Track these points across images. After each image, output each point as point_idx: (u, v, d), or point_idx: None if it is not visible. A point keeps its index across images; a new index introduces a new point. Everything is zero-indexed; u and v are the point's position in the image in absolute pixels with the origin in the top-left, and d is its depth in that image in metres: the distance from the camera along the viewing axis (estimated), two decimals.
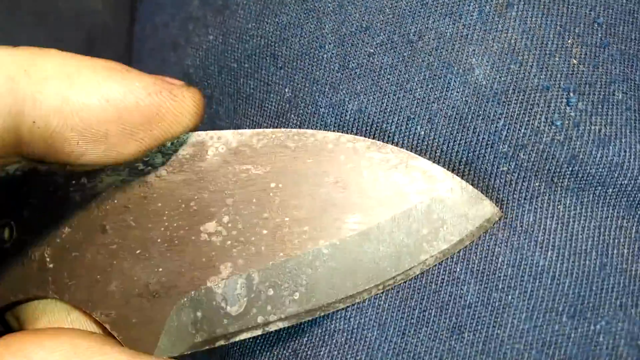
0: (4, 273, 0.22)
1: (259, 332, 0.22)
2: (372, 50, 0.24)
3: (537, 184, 0.22)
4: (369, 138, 0.23)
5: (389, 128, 0.24)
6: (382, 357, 0.23)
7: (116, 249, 0.22)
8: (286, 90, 0.25)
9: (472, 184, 0.22)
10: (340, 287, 0.22)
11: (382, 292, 0.23)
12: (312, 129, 0.25)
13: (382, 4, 0.24)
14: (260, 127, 0.27)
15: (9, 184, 0.22)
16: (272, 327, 0.22)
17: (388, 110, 0.24)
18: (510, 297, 0.22)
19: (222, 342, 0.22)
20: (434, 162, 0.22)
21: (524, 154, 0.22)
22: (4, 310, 0.23)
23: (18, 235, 0.22)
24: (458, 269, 0.22)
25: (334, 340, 0.23)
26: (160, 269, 0.22)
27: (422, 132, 0.23)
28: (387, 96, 0.24)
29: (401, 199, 0.22)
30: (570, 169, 0.22)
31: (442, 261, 0.22)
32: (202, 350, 0.22)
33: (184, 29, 0.30)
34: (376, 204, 0.22)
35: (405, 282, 0.23)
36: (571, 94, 0.22)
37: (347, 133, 0.24)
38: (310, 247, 0.22)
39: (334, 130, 0.24)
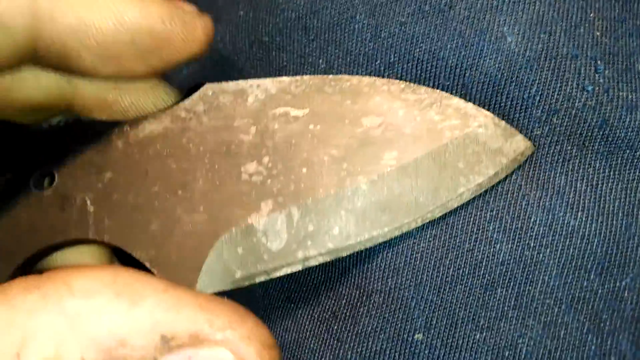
0: (44, 218, 0.22)
1: (299, 267, 0.22)
2: (403, 20, 0.25)
3: (568, 148, 0.23)
4: None
5: None
6: (418, 314, 0.24)
7: (157, 191, 0.22)
8: (320, 61, 0.26)
9: None
10: (379, 222, 0.22)
11: (418, 252, 0.24)
12: None
13: None
14: None
15: (52, 135, 0.23)
16: (313, 262, 0.22)
17: (423, 79, 0.24)
18: (541, 255, 0.23)
19: (262, 278, 0.22)
20: None
21: (556, 119, 0.23)
22: (40, 257, 0.23)
23: (59, 182, 0.22)
24: (491, 229, 0.23)
25: (372, 301, 0.24)
26: (201, 208, 0.22)
27: None
28: (420, 65, 0.24)
29: (437, 135, 0.22)
30: (600, 132, 0.23)
31: (476, 221, 0.23)
32: (243, 298, 0.23)
33: (213, 5, 0.30)
34: (412, 140, 0.22)
35: (438, 243, 0.24)
36: (598, 62, 0.23)
37: None
38: (349, 183, 0.22)
39: None
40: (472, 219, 0.23)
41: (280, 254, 0.22)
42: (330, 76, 0.23)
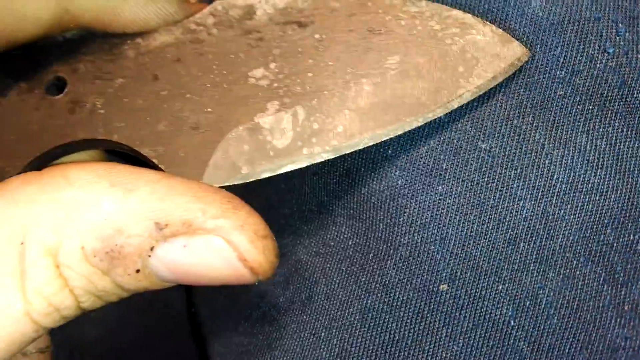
0: (54, 120, 0.23)
1: (304, 163, 0.23)
2: None
3: (590, 107, 0.24)
4: None
5: None
6: (443, 267, 0.25)
7: (167, 94, 0.23)
8: None
9: None
10: (382, 120, 0.23)
11: (443, 208, 0.25)
12: None
13: None
14: None
15: (66, 46, 0.24)
16: (317, 159, 0.23)
17: None
18: (562, 211, 0.24)
19: (268, 174, 0.23)
20: None
21: (579, 79, 0.24)
22: (48, 159, 0.24)
23: (71, 88, 0.24)
24: (515, 186, 0.24)
25: (399, 254, 0.26)
26: (209, 109, 0.23)
27: None
28: None
29: (437, 42, 0.24)
30: (620, 93, 0.24)
31: (500, 179, 0.24)
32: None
33: None
34: (414, 46, 0.23)
35: (464, 200, 0.25)
36: (620, 25, 0.24)
37: None
38: (353, 84, 0.23)
39: None
40: (496, 177, 0.25)
41: (286, 150, 0.23)
42: None
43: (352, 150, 0.23)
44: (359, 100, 0.23)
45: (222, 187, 0.23)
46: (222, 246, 0.20)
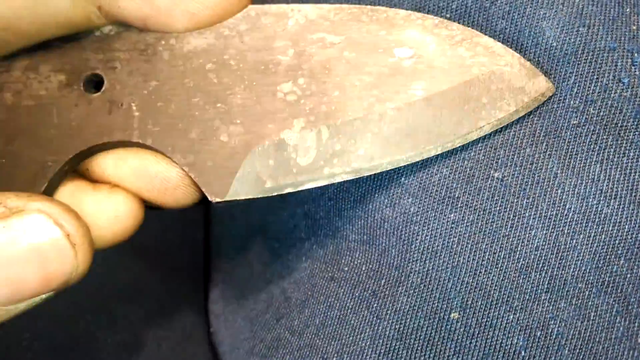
0: (91, 119, 0.24)
1: (324, 182, 0.24)
2: (448, 16, 0.26)
3: (604, 137, 0.24)
4: None
5: None
6: (455, 295, 0.25)
7: (198, 102, 0.24)
8: None
9: None
10: (402, 146, 0.24)
11: (455, 236, 0.25)
12: None
13: None
14: None
15: (102, 41, 0.24)
16: (337, 179, 0.24)
17: None
18: (575, 241, 0.24)
19: (290, 189, 0.24)
20: None
21: (593, 109, 0.24)
22: (86, 155, 0.25)
23: (107, 86, 0.24)
24: (527, 215, 0.24)
25: (410, 281, 0.26)
26: (238, 121, 0.24)
27: None
28: None
29: (464, 70, 0.24)
30: (635, 123, 0.24)
31: (513, 208, 0.25)
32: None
33: None
34: (441, 73, 0.24)
35: (476, 228, 0.25)
36: (635, 55, 0.24)
37: None
38: (377, 109, 0.24)
39: None
40: (509, 205, 0.25)
41: (308, 168, 0.24)
42: (369, 7, 0.24)
43: (372, 173, 0.24)
44: (382, 125, 0.24)
45: (248, 199, 0.24)
46: (45, 222, 0.21)
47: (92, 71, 0.24)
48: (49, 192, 0.25)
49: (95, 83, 0.25)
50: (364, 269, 0.27)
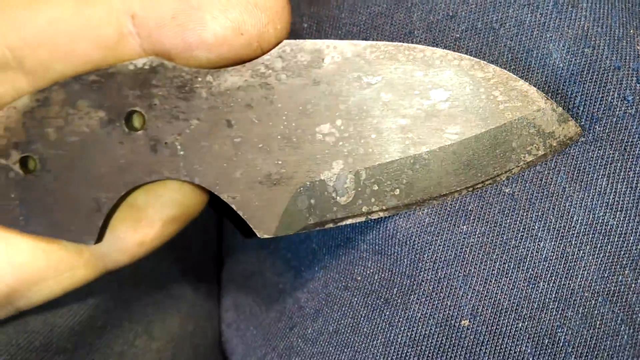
0: (137, 157, 0.25)
1: (362, 219, 0.25)
2: (458, 36, 0.27)
3: (610, 152, 0.25)
4: None
5: None
6: (465, 303, 0.26)
7: (240, 142, 0.25)
8: None
9: None
10: (435, 187, 0.25)
11: (467, 247, 0.26)
12: None
13: None
14: None
15: (137, 75, 0.25)
16: (374, 216, 0.25)
17: None
18: (582, 252, 0.25)
19: (331, 225, 0.25)
20: None
21: (599, 126, 0.25)
22: (133, 191, 0.26)
23: (149, 124, 0.25)
24: (536, 227, 0.25)
25: (422, 289, 0.27)
26: (279, 162, 0.25)
27: None
28: None
29: (498, 115, 0.24)
30: None
31: (522, 220, 0.26)
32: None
33: None
34: (475, 117, 0.24)
35: (487, 239, 0.26)
36: None
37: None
38: (412, 151, 0.25)
39: None
40: (519, 218, 0.26)
41: (347, 207, 0.25)
42: (405, 44, 0.24)
43: (407, 210, 0.26)
44: (417, 167, 0.25)
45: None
46: None
47: (132, 107, 0.25)
48: (105, 225, 0.26)
49: (135, 119, 0.25)
50: (376, 277, 0.28)
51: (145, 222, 0.26)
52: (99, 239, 0.25)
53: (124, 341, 0.32)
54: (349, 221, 0.25)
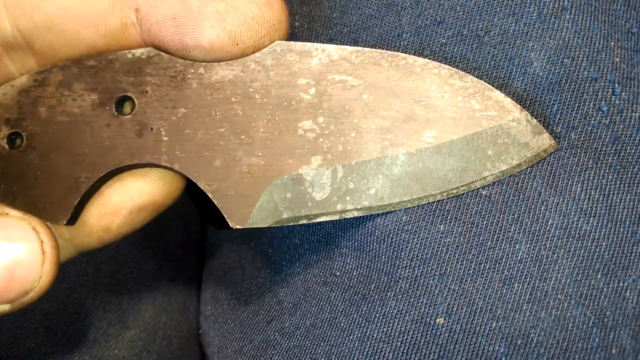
0: (122, 140, 0.26)
1: (336, 217, 0.26)
2: (444, 41, 0.28)
3: (585, 160, 0.26)
4: None
5: None
6: (441, 301, 0.26)
7: (223, 132, 0.25)
8: None
9: None
10: (410, 189, 0.26)
11: (444, 246, 0.27)
12: None
13: (454, 2, 0.28)
14: None
15: (133, 63, 0.26)
16: (348, 215, 0.26)
17: None
18: (556, 255, 0.26)
19: (304, 222, 0.26)
20: None
21: (574, 134, 0.26)
22: (113, 174, 0.26)
23: (138, 110, 0.26)
24: (512, 230, 0.26)
25: (399, 286, 0.27)
26: (260, 154, 0.25)
27: None
28: None
29: (474, 123, 0.25)
30: (614, 148, 0.26)
31: (499, 222, 0.26)
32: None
33: None
34: (452, 123, 0.25)
35: (463, 239, 0.26)
36: (616, 85, 0.26)
37: None
38: (389, 152, 0.25)
39: None
40: (495, 220, 0.26)
41: (322, 204, 0.26)
42: (389, 52, 0.26)
43: (381, 211, 0.26)
44: (393, 168, 0.25)
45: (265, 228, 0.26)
46: (24, 226, 0.23)
47: (124, 93, 0.26)
48: (80, 206, 0.26)
49: (125, 104, 0.26)
50: (355, 274, 0.28)
51: (110, 209, 0.26)
52: (72, 220, 0.26)
53: (97, 329, 0.32)
54: (323, 218, 0.26)
